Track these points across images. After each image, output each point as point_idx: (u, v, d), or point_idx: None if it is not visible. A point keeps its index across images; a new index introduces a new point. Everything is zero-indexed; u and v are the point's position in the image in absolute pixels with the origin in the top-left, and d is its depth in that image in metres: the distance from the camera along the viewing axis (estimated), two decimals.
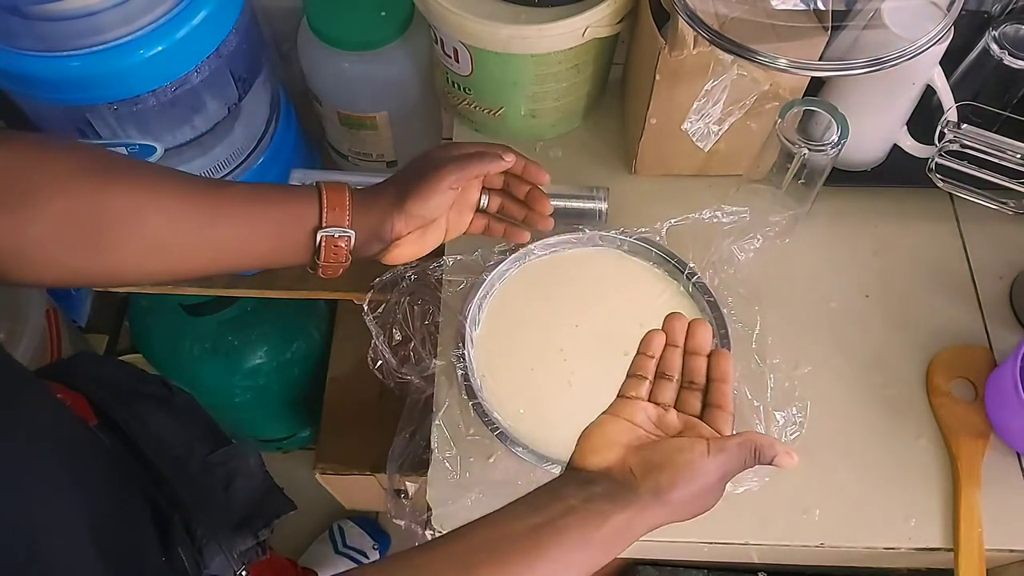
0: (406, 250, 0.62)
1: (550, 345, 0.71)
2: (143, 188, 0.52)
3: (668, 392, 0.53)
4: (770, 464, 0.49)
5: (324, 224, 0.57)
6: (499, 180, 0.66)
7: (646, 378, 0.54)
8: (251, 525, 0.63)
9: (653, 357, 0.54)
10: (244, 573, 0.62)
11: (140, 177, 0.53)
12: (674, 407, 0.53)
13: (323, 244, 0.57)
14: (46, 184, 0.48)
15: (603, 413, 0.53)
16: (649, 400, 0.53)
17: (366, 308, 0.71)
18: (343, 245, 0.57)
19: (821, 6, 0.65)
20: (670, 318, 0.56)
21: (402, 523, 0.70)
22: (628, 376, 0.54)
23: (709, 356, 0.55)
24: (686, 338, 0.55)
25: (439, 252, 0.78)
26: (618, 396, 0.54)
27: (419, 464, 0.71)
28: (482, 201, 0.66)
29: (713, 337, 0.70)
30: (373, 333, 0.70)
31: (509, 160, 0.62)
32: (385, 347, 0.70)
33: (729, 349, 0.69)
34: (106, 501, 0.52)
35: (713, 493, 0.49)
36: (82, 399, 0.61)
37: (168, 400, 0.68)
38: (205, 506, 0.61)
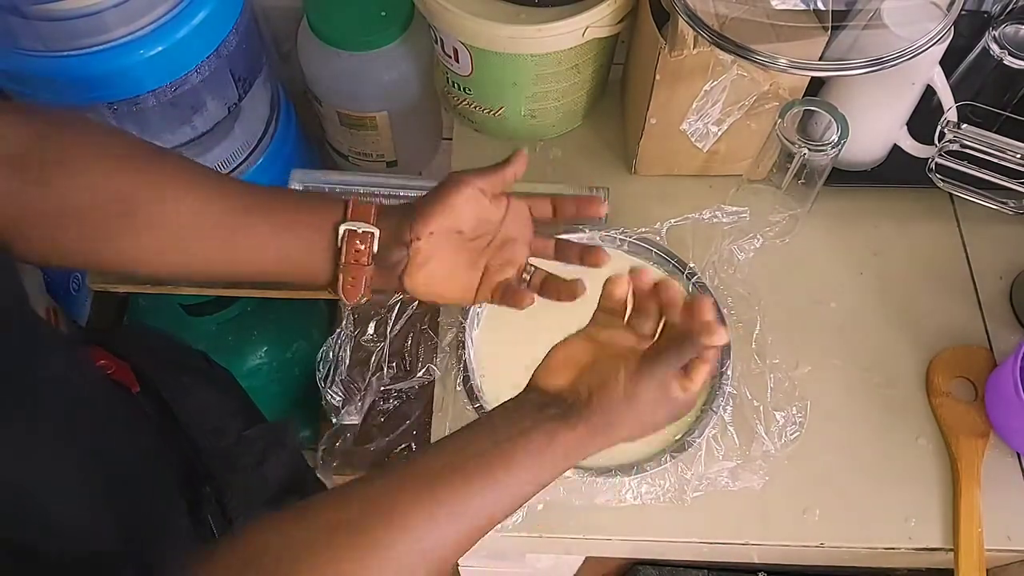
0: (430, 266, 0.56)
1: (550, 345, 0.71)
2: (173, 179, 0.52)
3: (647, 324, 0.51)
4: (704, 346, 0.48)
5: (348, 218, 0.54)
6: (549, 248, 0.62)
7: (619, 311, 0.53)
8: (283, 502, 0.63)
9: (620, 298, 0.53)
10: None
11: (171, 168, 0.53)
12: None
13: (345, 240, 0.54)
14: (78, 160, 0.48)
15: (574, 333, 0.53)
16: (627, 328, 0.52)
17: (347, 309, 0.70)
18: (367, 245, 0.55)
19: (821, 6, 0.65)
20: (637, 273, 0.52)
21: None
22: (600, 309, 0.54)
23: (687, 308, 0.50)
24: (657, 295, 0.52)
25: None
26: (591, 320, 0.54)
27: None
28: (526, 275, 0.61)
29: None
30: (343, 319, 0.69)
31: (545, 210, 0.61)
32: (347, 344, 0.69)
33: (729, 349, 0.69)
34: (131, 464, 0.52)
35: (661, 406, 0.49)
36: (126, 367, 0.61)
37: (209, 374, 0.69)
38: (237, 479, 0.62)
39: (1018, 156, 0.67)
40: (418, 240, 0.55)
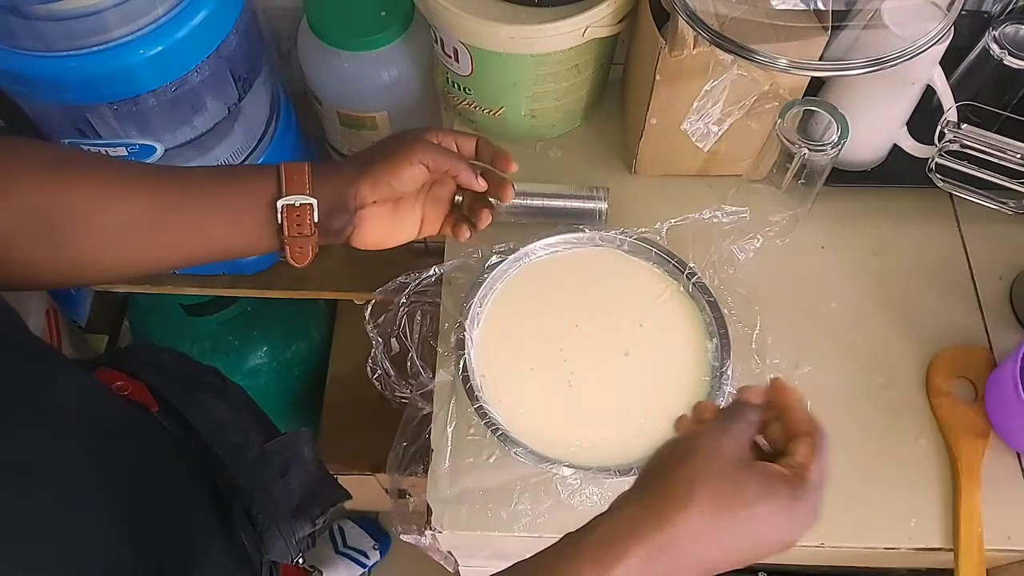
0: (376, 228, 0.60)
1: (550, 345, 0.71)
2: (95, 178, 0.52)
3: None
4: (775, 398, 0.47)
5: (284, 193, 0.55)
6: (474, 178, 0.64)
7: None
8: (308, 512, 0.63)
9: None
10: (301, 560, 0.63)
11: (91, 168, 0.53)
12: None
13: (285, 216, 0.55)
14: (12, 177, 0.49)
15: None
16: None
17: (368, 316, 0.71)
18: (307, 216, 0.55)
19: (821, 6, 0.65)
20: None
21: (403, 526, 0.70)
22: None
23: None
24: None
25: (438, 253, 0.78)
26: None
27: (419, 465, 0.71)
28: (457, 198, 0.64)
29: (713, 338, 0.70)
30: (373, 344, 0.70)
31: (481, 185, 0.61)
32: (384, 358, 0.69)
33: (729, 349, 0.69)
34: (163, 487, 0.52)
35: (734, 487, 0.44)
36: (142, 387, 0.61)
37: (222, 389, 0.69)
38: (264, 493, 0.61)
39: (1018, 156, 0.67)
40: (363, 209, 0.58)
